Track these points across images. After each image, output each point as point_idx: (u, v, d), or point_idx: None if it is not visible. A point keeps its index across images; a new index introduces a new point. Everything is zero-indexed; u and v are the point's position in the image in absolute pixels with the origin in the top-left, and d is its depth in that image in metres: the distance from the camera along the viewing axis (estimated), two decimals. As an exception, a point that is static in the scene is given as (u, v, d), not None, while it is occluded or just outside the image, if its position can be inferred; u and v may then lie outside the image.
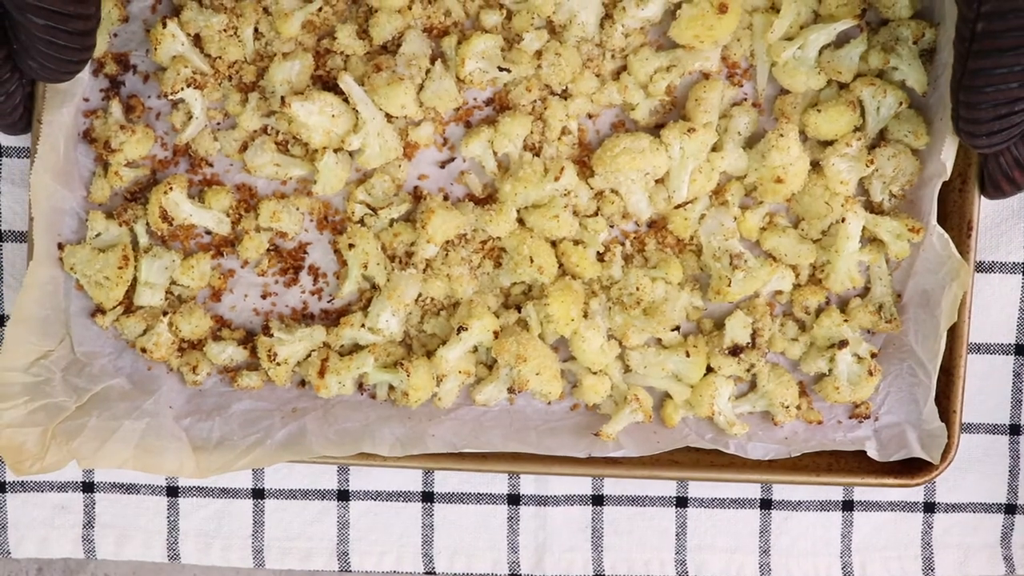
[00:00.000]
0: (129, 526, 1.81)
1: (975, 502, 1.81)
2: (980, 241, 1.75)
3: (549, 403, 1.74)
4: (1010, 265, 1.77)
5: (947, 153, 1.59)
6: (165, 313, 1.70)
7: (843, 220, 1.65)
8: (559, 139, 1.68)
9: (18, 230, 1.75)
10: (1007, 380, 1.80)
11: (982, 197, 1.65)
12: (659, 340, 1.72)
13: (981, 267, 1.76)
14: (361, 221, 1.69)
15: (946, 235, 1.62)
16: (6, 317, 1.76)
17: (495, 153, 1.69)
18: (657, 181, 1.68)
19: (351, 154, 1.68)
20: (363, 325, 1.69)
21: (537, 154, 1.69)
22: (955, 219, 1.66)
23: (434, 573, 1.81)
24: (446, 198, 1.71)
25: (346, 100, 1.64)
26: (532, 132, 1.68)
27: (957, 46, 1.45)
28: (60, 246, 1.67)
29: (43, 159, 1.61)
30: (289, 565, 1.81)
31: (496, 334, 1.67)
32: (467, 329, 1.64)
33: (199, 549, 1.81)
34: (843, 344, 1.68)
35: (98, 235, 1.68)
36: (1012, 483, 1.81)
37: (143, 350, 1.69)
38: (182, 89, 1.63)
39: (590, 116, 1.70)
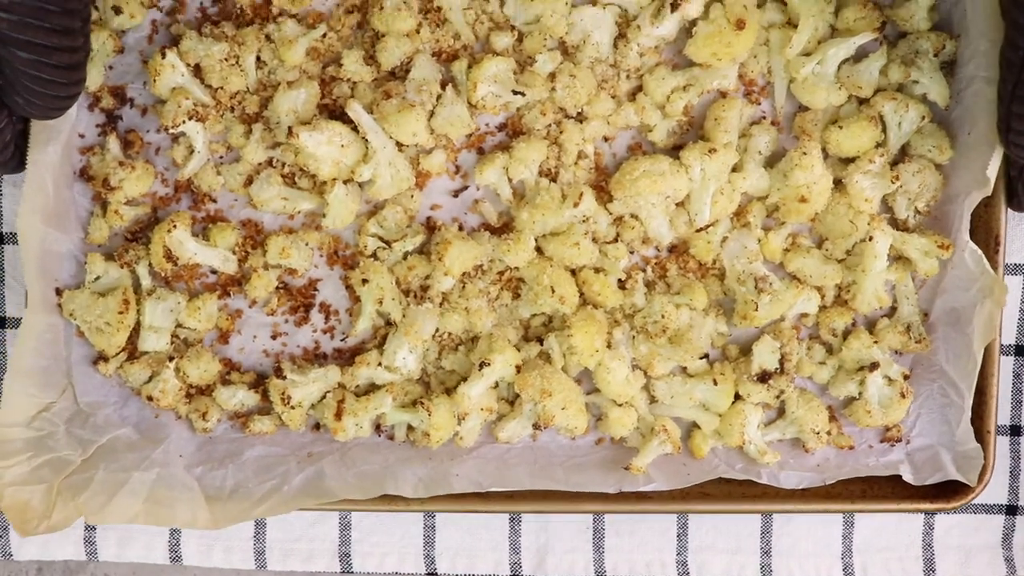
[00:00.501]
0: (131, 528, 1.75)
1: (976, 503, 1.78)
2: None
3: (574, 438, 1.68)
4: (1011, 267, 1.74)
5: (992, 168, 1.54)
6: (171, 358, 1.63)
7: (871, 239, 1.61)
8: (576, 163, 1.63)
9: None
10: (1008, 381, 1.77)
11: (1008, 210, 1.62)
12: (684, 369, 1.67)
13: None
14: (374, 255, 1.63)
15: (979, 251, 1.59)
16: (7, 320, 1.70)
17: (510, 180, 1.63)
18: (677, 204, 1.63)
19: (361, 185, 1.62)
20: (379, 364, 1.63)
21: (553, 180, 1.64)
22: (981, 234, 1.63)
23: (436, 575, 1.77)
24: (460, 228, 1.66)
25: (355, 129, 1.58)
26: (548, 157, 1.63)
27: (1008, 55, 1.42)
28: (58, 291, 1.60)
29: (30, 201, 1.53)
30: (291, 567, 1.76)
31: (518, 368, 1.61)
32: (489, 364, 1.59)
33: (201, 551, 1.76)
34: (874, 367, 1.64)
35: (97, 278, 1.61)
36: (1013, 484, 1.79)
37: (149, 398, 1.63)
38: (183, 122, 1.57)
39: (606, 139, 1.66)
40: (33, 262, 1.55)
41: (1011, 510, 1.79)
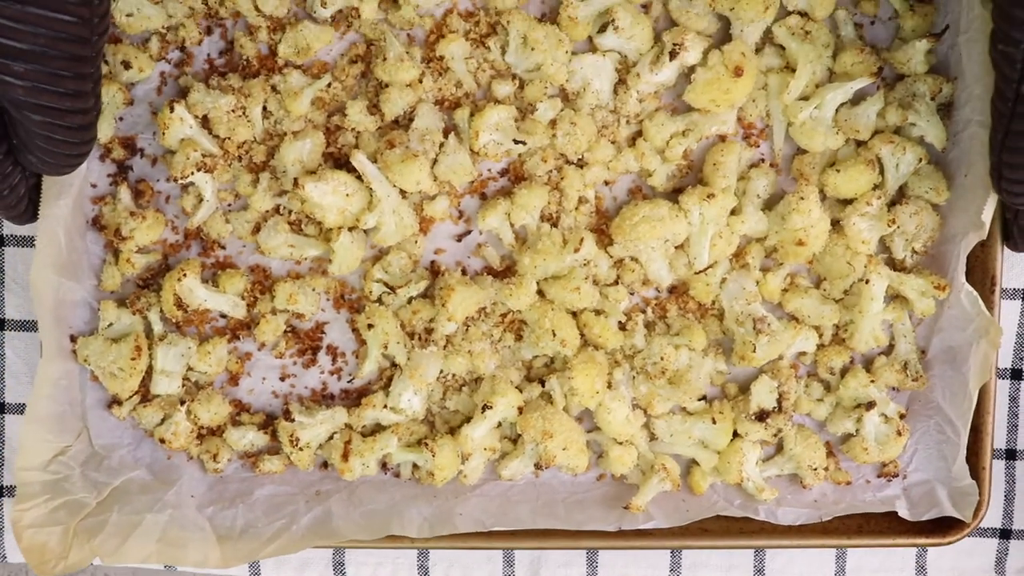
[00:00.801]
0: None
1: None
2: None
3: (575, 475, 1.71)
4: (1010, 291, 1.76)
5: (987, 212, 1.56)
6: (183, 401, 1.67)
7: (867, 281, 1.63)
8: (576, 208, 1.66)
9: (19, 235, 1.71)
10: (1004, 405, 1.79)
11: (1005, 249, 1.63)
12: (684, 407, 1.70)
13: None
14: (379, 300, 1.67)
15: (975, 292, 1.61)
16: (7, 321, 1.73)
17: (512, 225, 1.66)
18: (677, 247, 1.65)
19: (366, 232, 1.65)
20: (385, 405, 1.66)
21: (555, 224, 1.66)
22: (978, 274, 1.65)
23: None
24: (464, 272, 1.69)
25: (359, 178, 1.61)
26: (549, 202, 1.65)
27: (998, 105, 1.44)
28: (73, 338, 1.64)
29: (43, 254, 1.57)
30: (285, 574, 1.79)
31: (520, 410, 1.65)
32: (492, 408, 1.62)
33: None
34: (871, 405, 1.67)
35: (110, 325, 1.65)
36: (1008, 508, 1.81)
37: (162, 440, 1.67)
38: (192, 173, 1.60)
39: (607, 183, 1.68)
40: (48, 313, 1.59)
41: (1005, 534, 1.81)
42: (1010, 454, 1.80)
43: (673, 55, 1.61)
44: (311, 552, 1.78)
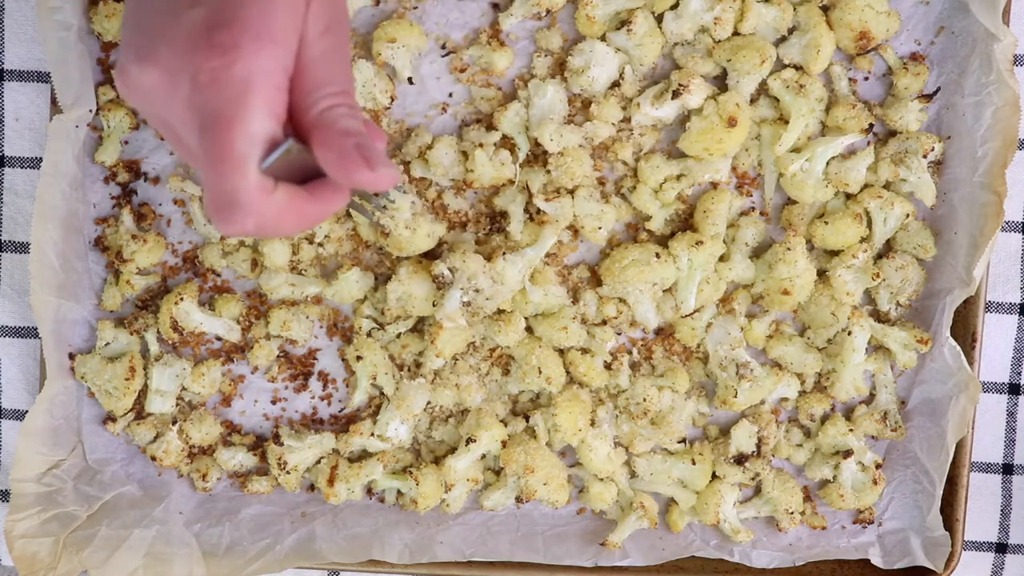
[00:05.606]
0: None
1: (966, 540, 1.79)
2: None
3: (556, 508, 1.74)
4: (1007, 305, 1.77)
5: (978, 270, 1.60)
6: (175, 420, 1.70)
7: (850, 333, 1.66)
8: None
9: (18, 240, 1.74)
10: (1000, 419, 1.80)
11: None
12: (665, 447, 1.73)
13: (979, 305, 1.78)
14: (369, 334, 1.70)
15: (958, 348, 1.64)
16: (2, 328, 1.76)
17: (505, 262, 1.69)
18: (665, 290, 1.68)
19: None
20: (372, 433, 1.69)
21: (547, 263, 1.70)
22: (959, 329, 1.67)
23: None
24: (455, 307, 1.72)
25: (357, 211, 1.65)
26: (541, 240, 1.68)
27: None
28: (71, 356, 1.68)
29: (38, 278, 1.60)
30: None
31: (504, 443, 1.68)
32: (476, 441, 1.65)
33: None
34: (847, 454, 1.69)
35: (107, 344, 1.69)
36: (1004, 522, 1.82)
37: (153, 457, 1.71)
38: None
39: (599, 223, 1.71)
40: (49, 335, 1.63)
41: (1001, 548, 1.82)
42: (1007, 468, 1.81)
43: (676, 94, 1.63)
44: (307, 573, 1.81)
